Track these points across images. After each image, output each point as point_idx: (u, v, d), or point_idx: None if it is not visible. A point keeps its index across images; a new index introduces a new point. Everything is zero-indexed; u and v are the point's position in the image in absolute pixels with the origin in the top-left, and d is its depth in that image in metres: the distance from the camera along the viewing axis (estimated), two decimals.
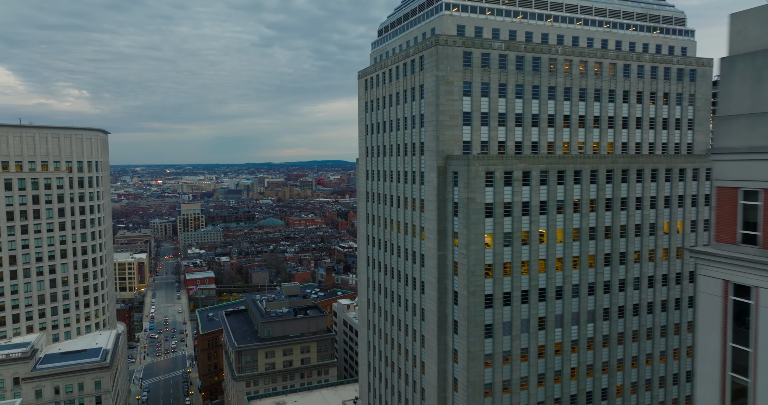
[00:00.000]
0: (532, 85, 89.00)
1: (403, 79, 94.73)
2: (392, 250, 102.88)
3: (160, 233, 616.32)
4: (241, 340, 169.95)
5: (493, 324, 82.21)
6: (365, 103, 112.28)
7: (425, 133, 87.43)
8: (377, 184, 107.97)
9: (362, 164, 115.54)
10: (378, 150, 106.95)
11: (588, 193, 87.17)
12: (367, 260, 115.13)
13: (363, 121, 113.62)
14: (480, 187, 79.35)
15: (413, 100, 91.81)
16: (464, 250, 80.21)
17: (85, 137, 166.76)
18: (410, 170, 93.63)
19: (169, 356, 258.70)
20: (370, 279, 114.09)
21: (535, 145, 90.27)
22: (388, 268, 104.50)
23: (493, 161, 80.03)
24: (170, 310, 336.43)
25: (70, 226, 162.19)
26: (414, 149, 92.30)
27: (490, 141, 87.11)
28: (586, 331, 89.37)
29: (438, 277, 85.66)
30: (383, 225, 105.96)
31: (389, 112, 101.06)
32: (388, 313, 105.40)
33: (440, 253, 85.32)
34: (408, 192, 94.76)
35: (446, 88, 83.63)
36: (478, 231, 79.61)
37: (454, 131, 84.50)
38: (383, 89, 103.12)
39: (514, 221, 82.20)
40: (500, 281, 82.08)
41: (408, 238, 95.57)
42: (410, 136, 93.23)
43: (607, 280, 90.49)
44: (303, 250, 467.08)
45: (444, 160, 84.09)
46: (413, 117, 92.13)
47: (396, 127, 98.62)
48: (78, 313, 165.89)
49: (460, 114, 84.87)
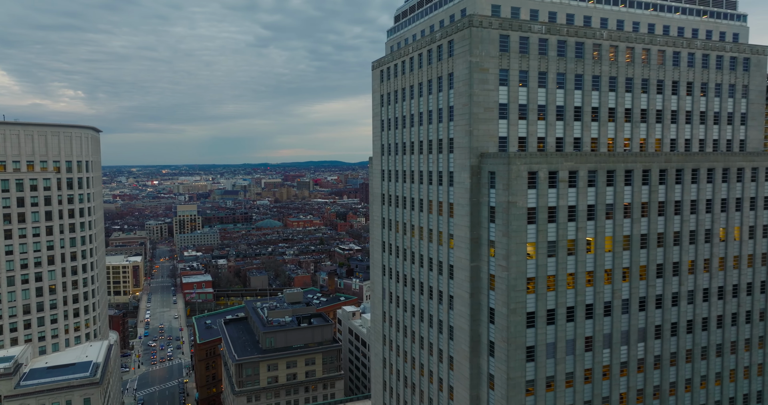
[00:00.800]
0: (574, 74, 78.72)
1: (427, 67, 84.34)
2: (413, 258, 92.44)
3: (156, 235, 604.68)
4: (241, 352, 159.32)
5: (536, 346, 71.83)
6: (380, 96, 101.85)
7: (455, 127, 77.05)
8: (395, 185, 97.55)
9: (377, 164, 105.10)
10: (396, 148, 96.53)
11: (639, 196, 76.91)
12: (383, 269, 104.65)
13: (378, 116, 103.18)
14: (522, 189, 68.99)
15: (440, 91, 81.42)
16: (503, 261, 69.82)
17: (75, 135, 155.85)
18: (436, 170, 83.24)
19: (165, 365, 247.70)
20: (386, 290, 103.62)
21: (578, 142, 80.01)
22: (408, 278, 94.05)
23: (536, 159, 69.67)
24: (166, 316, 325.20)
25: (58, 230, 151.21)
26: (441, 146, 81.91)
27: (529, 137, 76.79)
28: (637, 352, 79.10)
29: (471, 291, 75.25)
30: (402, 231, 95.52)
31: (410, 105, 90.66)
32: (408, 328, 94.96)
33: (473, 265, 74.93)
34: (433, 194, 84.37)
35: (480, 76, 73.26)
36: (519, 240, 69.25)
37: (489, 125, 74.15)
38: (402, 80, 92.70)
39: (559, 228, 71.87)
40: (543, 297, 71.71)
41: (433, 246, 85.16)
42: (436, 131, 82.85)
43: (659, 293, 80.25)
44: (302, 252, 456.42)
45: (478, 158, 73.72)
46: (440, 110, 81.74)
47: (418, 121, 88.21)
48: (67, 324, 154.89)
49: (496, 106, 74.50)
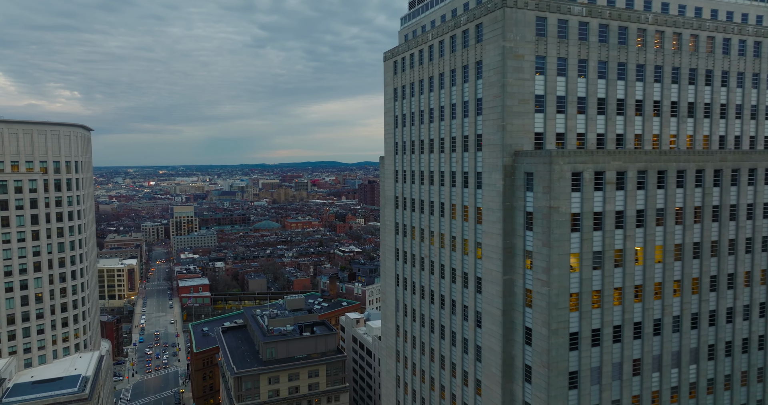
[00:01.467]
0: (617, 63, 69.90)
1: (449, 56, 75.43)
2: (431, 268, 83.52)
3: (152, 237, 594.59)
4: (240, 363, 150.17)
5: (579, 371, 62.95)
6: (394, 90, 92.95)
7: (484, 122, 68.16)
8: (410, 187, 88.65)
9: (389, 164, 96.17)
10: (412, 146, 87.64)
11: (692, 199, 68.15)
12: (396, 279, 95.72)
13: (391, 112, 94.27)
14: (565, 193, 60.14)
15: (465, 82, 72.52)
16: (543, 275, 60.94)
17: (63, 134, 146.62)
18: (460, 170, 74.33)
19: (160, 373, 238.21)
20: (400, 301, 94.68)
21: (620, 139, 71.22)
22: (426, 290, 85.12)
23: (581, 158, 60.83)
24: (162, 321, 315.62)
25: (45, 235, 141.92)
26: (466, 144, 73.00)
27: (567, 132, 67.95)
28: (689, 375, 70.30)
29: (503, 308, 66.35)
30: (419, 238, 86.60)
31: (428, 98, 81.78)
32: (426, 345, 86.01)
33: (506, 278, 66.02)
34: (457, 198, 75.44)
35: (515, 64, 64.40)
36: (562, 250, 60.39)
37: (524, 120, 65.29)
38: (420, 71, 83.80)
39: (606, 237, 63.04)
40: (588, 315, 62.85)
41: (456, 255, 76.24)
42: (460, 127, 73.94)
43: (712, 309, 71.49)
44: (301, 254, 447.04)
45: (512, 157, 64.84)
46: (465, 103, 72.85)
47: (439, 116, 79.31)
48: (54, 334, 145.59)
49: (532, 97, 65.65)
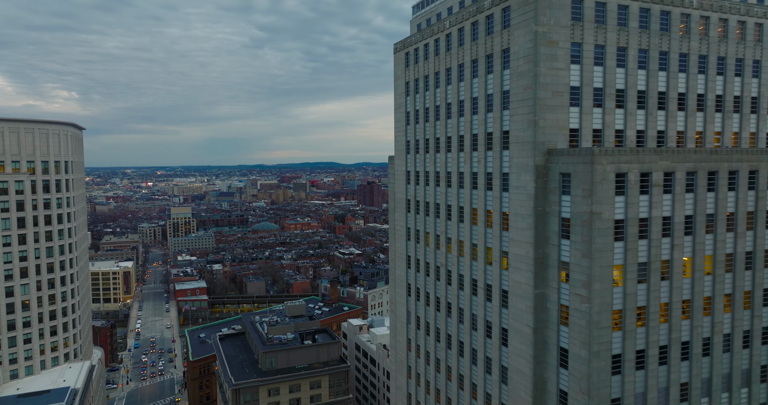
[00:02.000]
0: (659, 51, 62.76)
1: (471, 44, 68.23)
2: (448, 279, 76.27)
3: (149, 238, 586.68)
4: (239, 374, 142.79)
5: (622, 398, 55.71)
6: (405, 84, 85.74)
7: (512, 117, 60.97)
8: (425, 189, 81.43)
9: (400, 164, 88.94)
10: (426, 144, 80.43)
11: (745, 204, 61.01)
12: (407, 288, 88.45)
13: (402, 108, 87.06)
14: (608, 196, 52.94)
15: (489, 73, 65.32)
16: (583, 289, 53.73)
17: (52, 132, 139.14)
18: (483, 171, 67.10)
19: (156, 380, 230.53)
20: (411, 313, 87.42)
21: (661, 136, 64.07)
22: (442, 303, 77.86)
23: (626, 157, 53.64)
24: (158, 325, 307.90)
25: (33, 239, 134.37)
26: (490, 141, 65.80)
27: (605, 129, 60.77)
28: (740, 399, 63.11)
29: (534, 325, 59.11)
30: (434, 245, 79.36)
31: (446, 92, 74.57)
32: (442, 362, 78.74)
33: (538, 292, 58.79)
34: (479, 201, 68.20)
35: (548, 52, 57.24)
36: (604, 262, 53.17)
37: (558, 114, 58.12)
38: (436, 62, 76.58)
39: (652, 246, 55.85)
40: (632, 335, 55.65)
41: (478, 265, 68.99)
42: (483, 123, 66.72)
43: (765, 326, 64.33)
44: (300, 256, 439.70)
45: (544, 156, 57.66)
46: (489, 96, 65.65)
47: (458, 111, 72.08)
48: (42, 344, 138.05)
49: (567, 89, 58.48)
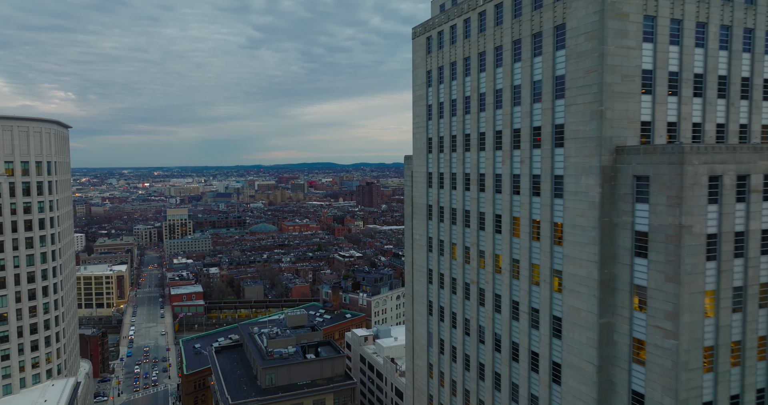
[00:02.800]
0: (743, 28, 52.08)
1: (512, 22, 57.45)
2: (481, 299, 65.44)
3: (145, 240, 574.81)
4: (236, 392, 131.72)
5: None
6: (426, 73, 74.93)
7: (568, 108, 50.21)
8: (450, 194, 70.59)
9: (419, 164, 78.10)
10: (453, 142, 69.62)
11: None
12: (428, 306, 77.62)
13: (422, 100, 76.25)
14: (701, 205, 42.19)
15: (537, 55, 54.54)
16: (667, 321, 42.96)
17: (33, 130, 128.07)
18: (527, 172, 56.29)
19: (149, 392, 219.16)
20: (434, 335, 76.57)
21: (744, 130, 53.35)
22: (473, 326, 67.00)
23: (721, 156, 42.86)
24: (152, 332, 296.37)
25: (11, 246, 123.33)
26: (536, 137, 55.01)
27: (681, 121, 50.05)
28: None
29: (598, 362, 48.30)
30: (462, 258, 68.51)
31: (478, 80, 63.76)
32: (472, 395, 67.81)
33: (603, 321, 47.99)
34: (521, 209, 57.37)
35: (617, 26, 46.49)
36: (695, 287, 42.42)
37: (627, 104, 47.37)
38: (466, 46, 65.77)
39: (750, 266, 45.09)
40: (726, 377, 44.86)
41: (520, 285, 58.17)
42: (528, 115, 55.92)
43: None
44: (299, 259, 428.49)
45: (612, 154, 46.89)
46: (536, 84, 54.87)
47: (494, 103, 61.27)
48: (22, 360, 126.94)
49: (638, 73, 47.72)
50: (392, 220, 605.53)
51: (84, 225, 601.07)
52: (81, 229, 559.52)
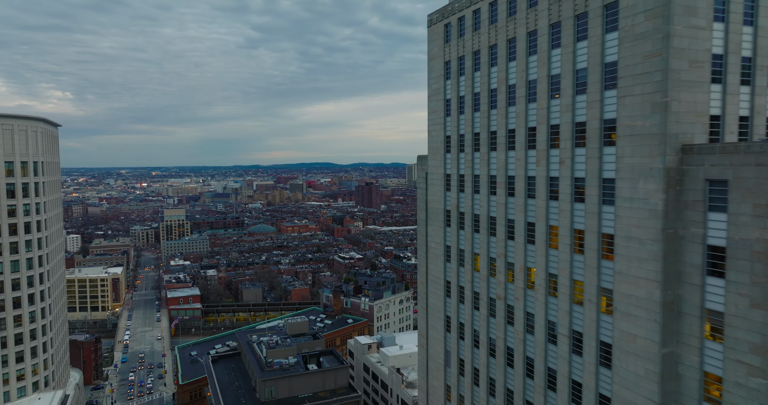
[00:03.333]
0: None
1: (549, 4, 50.07)
2: (509, 317, 58.10)
3: (142, 241, 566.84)
4: None
5: None
6: (445, 64, 67.56)
7: (622, 100, 42.89)
8: (472, 198, 63.26)
9: (436, 165, 70.73)
10: (475, 140, 62.28)
11: None
12: (446, 322, 70.26)
13: (440, 94, 68.88)
14: None
15: (581, 39, 47.20)
16: (752, 356, 35.67)
17: (18, 129, 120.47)
18: (569, 175, 48.94)
19: (144, 400, 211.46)
20: (453, 354, 69.21)
21: None
22: (499, 347, 59.66)
23: None
24: (148, 336, 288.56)
25: None
26: (580, 135, 47.68)
27: (754, 116, 42.76)
28: None
29: (660, 399, 40.95)
30: (486, 270, 61.15)
31: (506, 70, 56.43)
32: None
33: (666, 351, 40.68)
34: (561, 217, 50.01)
35: (686, 2, 39.19)
36: None
37: (695, 94, 40.07)
38: (492, 33, 58.43)
39: None
40: None
41: (559, 304, 50.82)
42: (569, 109, 48.58)
43: None
44: (298, 260, 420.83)
45: (677, 154, 39.59)
46: (578, 72, 47.53)
47: (526, 95, 53.92)
48: (6, 373, 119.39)
49: (708, 59, 40.44)
50: (392, 221, 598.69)
51: (80, 226, 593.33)
52: (77, 230, 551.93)
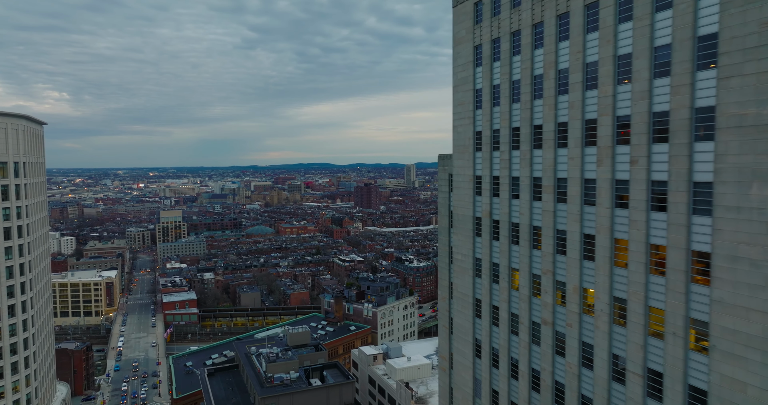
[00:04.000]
0: None
1: None
2: (558, 346, 48.86)
3: (137, 243, 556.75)
4: None
5: None
6: (474, 49, 58.35)
7: (724, 82, 33.73)
8: (509, 203, 54.04)
9: (463, 166, 61.49)
10: (514, 136, 53.09)
11: None
12: (475, 347, 61.00)
13: (467, 84, 59.66)
14: None
15: (659, 10, 37.99)
16: None
17: None
18: (644, 177, 39.71)
19: None
20: (483, 384, 59.96)
21: None
22: (544, 381, 50.41)
23: None
24: (142, 343, 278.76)
25: None
26: (660, 127, 38.47)
27: None
28: None
29: None
30: (528, 290, 51.92)
31: (556, 52, 47.22)
32: None
33: None
34: (633, 229, 40.75)
35: None
36: None
37: None
38: (535, 9, 49.20)
39: None
40: None
41: (628, 334, 41.58)
42: (645, 96, 39.33)
43: None
44: (297, 263, 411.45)
45: None
46: (657, 49, 38.32)
47: (583, 82, 44.71)
48: None
49: None
50: (391, 222, 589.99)
51: (75, 227, 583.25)
52: (72, 231, 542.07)
